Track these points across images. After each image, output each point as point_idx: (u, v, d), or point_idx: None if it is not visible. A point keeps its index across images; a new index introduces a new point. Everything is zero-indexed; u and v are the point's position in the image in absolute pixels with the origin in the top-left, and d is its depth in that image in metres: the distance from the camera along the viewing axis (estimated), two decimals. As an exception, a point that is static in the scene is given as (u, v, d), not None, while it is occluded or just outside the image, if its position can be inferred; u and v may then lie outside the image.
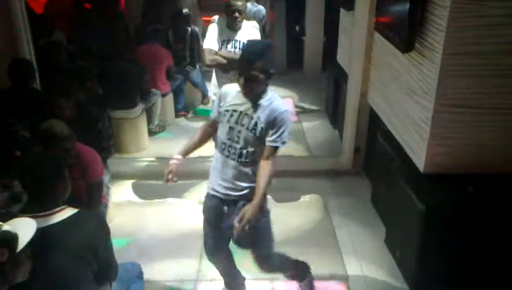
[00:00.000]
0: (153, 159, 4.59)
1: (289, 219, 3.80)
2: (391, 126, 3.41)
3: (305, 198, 4.12)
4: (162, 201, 4.06)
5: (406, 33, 2.80)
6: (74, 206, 2.01)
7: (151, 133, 5.16)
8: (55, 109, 3.24)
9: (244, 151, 2.41)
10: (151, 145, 5.00)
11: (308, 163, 4.69)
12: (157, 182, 4.24)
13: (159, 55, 5.29)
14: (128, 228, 3.68)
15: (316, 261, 3.34)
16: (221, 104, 2.48)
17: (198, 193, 4.10)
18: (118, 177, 4.13)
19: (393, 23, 3.11)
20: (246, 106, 2.39)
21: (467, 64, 2.54)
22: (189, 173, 4.29)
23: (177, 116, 5.75)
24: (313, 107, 6.10)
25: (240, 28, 3.73)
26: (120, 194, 4.06)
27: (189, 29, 5.91)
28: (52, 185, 1.96)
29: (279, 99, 2.43)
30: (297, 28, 7.46)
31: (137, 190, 4.15)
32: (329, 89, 5.62)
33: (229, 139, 2.43)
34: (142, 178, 4.31)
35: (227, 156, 2.45)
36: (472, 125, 2.69)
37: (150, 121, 5.11)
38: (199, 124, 5.49)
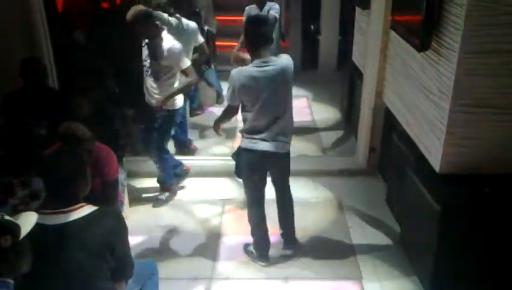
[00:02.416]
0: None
1: (303, 218, 3.78)
2: (406, 126, 3.38)
3: (319, 198, 4.12)
4: (177, 199, 4.10)
5: (422, 32, 2.77)
6: (92, 204, 2.05)
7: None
8: (73, 108, 3.30)
9: None
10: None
11: (322, 162, 4.68)
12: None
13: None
14: (144, 225, 3.73)
15: (330, 261, 3.35)
16: None
17: (212, 191, 4.13)
18: (133, 175, 4.18)
19: (409, 22, 3.08)
20: None
21: (484, 64, 2.50)
22: (205, 172, 4.34)
23: (192, 115, 5.78)
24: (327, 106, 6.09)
25: None
26: (136, 192, 4.10)
27: (206, 28, 5.93)
28: (73, 182, 1.99)
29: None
30: (312, 27, 7.44)
31: (152, 188, 4.20)
32: (344, 88, 5.60)
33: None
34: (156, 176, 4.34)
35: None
36: (489, 125, 2.65)
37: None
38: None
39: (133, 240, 3.46)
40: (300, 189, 4.16)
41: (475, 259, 2.81)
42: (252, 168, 3.09)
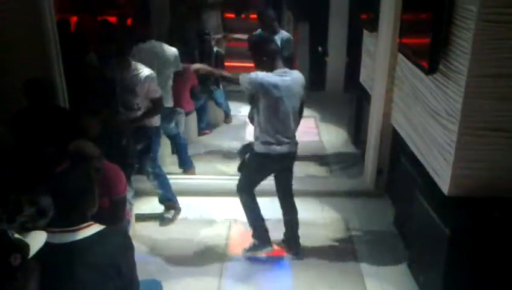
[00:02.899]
0: (175, 176, 4.64)
1: (310, 239, 3.77)
2: (415, 148, 3.37)
3: (327, 219, 4.09)
4: (183, 218, 4.09)
5: (430, 55, 2.79)
6: (99, 223, 2.05)
7: (174, 151, 5.22)
8: (83, 126, 3.34)
9: None
10: (175, 163, 5.06)
11: (330, 183, 4.66)
12: (179, 200, 4.30)
13: (184, 75, 5.39)
14: (150, 244, 3.71)
15: (337, 284, 3.30)
16: None
17: (218, 211, 4.12)
18: (141, 193, 4.18)
19: (417, 45, 3.10)
20: None
21: (492, 87, 2.51)
22: (209, 191, 4.34)
23: (199, 134, 5.82)
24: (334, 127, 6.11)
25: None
26: (143, 211, 4.10)
27: (215, 49, 6.02)
28: (82, 201, 2.00)
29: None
30: (320, 49, 7.51)
31: (159, 206, 4.20)
32: (351, 109, 5.61)
33: None
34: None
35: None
36: (497, 149, 2.64)
37: (173, 139, 5.17)
38: (221, 143, 5.65)
39: (139, 259, 3.46)
40: (307, 210, 4.14)
41: (484, 283, 2.76)
42: (262, 169, 3.43)
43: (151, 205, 4.23)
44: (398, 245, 3.66)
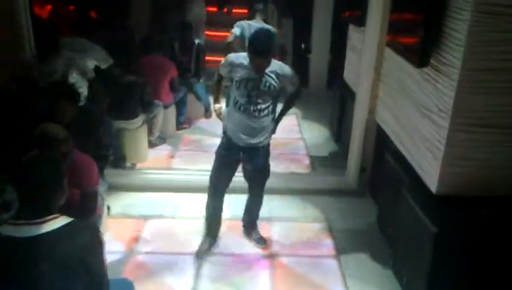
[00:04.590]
0: (152, 171, 4.45)
1: (290, 239, 3.65)
2: (401, 145, 3.29)
3: (308, 218, 3.97)
4: (158, 215, 3.91)
5: (421, 47, 2.70)
6: (67, 215, 1.88)
7: (151, 144, 5.03)
8: (57, 113, 3.13)
9: (263, 106, 3.07)
10: (150, 157, 4.87)
11: (312, 181, 4.55)
12: (155, 196, 4.12)
13: (163, 67, 5.21)
14: (122, 242, 3.52)
15: (318, 285, 3.19)
16: (234, 74, 3.05)
17: (194, 209, 3.95)
18: (114, 188, 3.97)
19: (408, 38, 3.01)
20: (254, 73, 2.99)
21: (486, 81, 2.43)
22: (186, 187, 4.17)
23: (178, 128, 5.63)
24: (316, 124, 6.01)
25: None
26: (116, 206, 3.89)
27: (196, 41, 5.85)
28: (48, 191, 1.83)
29: (275, 62, 3.09)
30: (303, 46, 7.42)
31: (133, 202, 4.00)
32: (334, 106, 5.53)
33: (248, 101, 3.03)
34: (139, 190, 4.16)
35: (248, 114, 3.06)
36: (489, 146, 2.56)
37: (150, 132, 4.99)
38: (200, 137, 5.48)
39: (110, 257, 3.27)
40: (288, 208, 4.03)
41: (471, 283, 2.69)
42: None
43: (125, 200, 4.03)
44: (380, 245, 3.57)
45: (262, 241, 3.54)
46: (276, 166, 3.46)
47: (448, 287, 2.73)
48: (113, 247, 3.43)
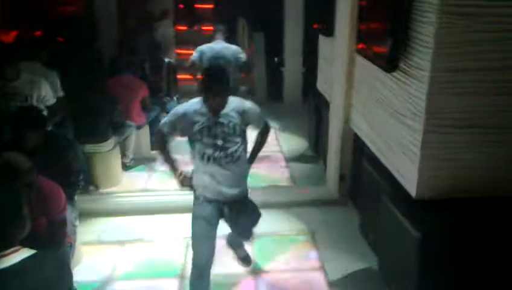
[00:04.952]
0: (126, 194, 4.32)
1: (273, 252, 3.56)
2: (377, 151, 3.25)
3: (291, 231, 3.90)
4: (136, 239, 3.76)
5: (389, 52, 2.69)
6: (33, 247, 1.75)
7: (125, 167, 4.89)
8: (23, 139, 2.99)
9: (234, 149, 2.70)
10: (125, 180, 4.73)
11: (293, 193, 4.49)
12: (131, 219, 3.98)
13: (133, 87, 5.11)
14: (98, 270, 3.37)
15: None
16: (190, 126, 2.68)
17: (174, 230, 3.82)
18: (87, 214, 3.82)
19: (376, 44, 3.01)
20: (213, 117, 2.68)
21: (458, 82, 2.41)
22: (165, 208, 4.04)
23: (153, 149, 5.50)
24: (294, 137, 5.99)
25: None
26: (89, 234, 3.74)
27: (166, 60, 5.79)
28: (7, 223, 1.69)
29: (234, 98, 2.77)
30: (276, 59, 7.43)
31: (108, 228, 3.85)
32: (310, 117, 5.51)
33: (215, 150, 2.67)
34: (114, 215, 4.01)
35: (221, 163, 2.69)
36: (466, 146, 2.54)
37: (123, 154, 4.86)
38: (176, 157, 5.34)
39: (85, 288, 3.12)
40: (272, 222, 3.94)
41: (461, 286, 2.63)
42: None
43: (100, 226, 3.88)
44: (366, 253, 3.51)
45: (247, 261, 3.35)
46: (256, 180, 3.36)
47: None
48: (89, 276, 3.28)
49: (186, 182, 2.82)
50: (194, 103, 2.72)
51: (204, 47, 5.12)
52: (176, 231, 3.83)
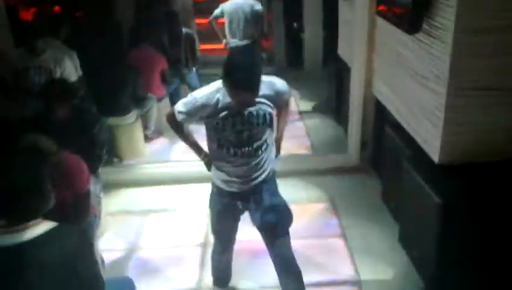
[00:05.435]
0: (149, 165, 4.38)
1: (295, 221, 3.57)
2: (400, 117, 3.18)
3: (312, 198, 3.90)
4: (159, 209, 3.84)
5: (411, 12, 2.57)
6: (58, 221, 1.79)
7: (147, 138, 4.96)
8: (52, 113, 3.05)
9: (262, 141, 2.36)
10: (147, 151, 4.80)
11: (313, 161, 4.46)
12: (154, 190, 4.05)
13: (152, 59, 5.09)
14: (124, 239, 3.47)
15: (326, 266, 3.13)
16: (212, 116, 2.29)
17: (197, 200, 3.88)
18: (112, 186, 3.91)
19: (397, 5, 2.88)
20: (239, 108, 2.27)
21: (483, 43, 2.30)
22: (188, 178, 4.09)
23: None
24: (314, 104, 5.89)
25: None
26: (114, 205, 3.84)
27: (184, 31, 5.73)
28: (31, 198, 1.74)
29: (264, 81, 2.27)
30: (295, 24, 7.26)
31: (133, 198, 3.94)
32: (330, 83, 5.40)
33: (240, 143, 2.33)
34: (138, 186, 4.09)
35: (244, 157, 2.36)
36: (491, 109, 2.45)
37: (145, 126, 4.91)
38: (197, 127, 5.34)
39: (113, 255, 3.23)
40: (291, 190, 3.91)
41: (480, 253, 2.60)
42: None
43: (125, 197, 3.97)
44: (387, 220, 3.49)
45: None
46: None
47: (458, 258, 2.65)
48: (115, 245, 3.39)
49: (208, 162, 2.60)
50: (214, 90, 2.26)
51: (226, 3, 5.65)
52: (198, 200, 3.88)
